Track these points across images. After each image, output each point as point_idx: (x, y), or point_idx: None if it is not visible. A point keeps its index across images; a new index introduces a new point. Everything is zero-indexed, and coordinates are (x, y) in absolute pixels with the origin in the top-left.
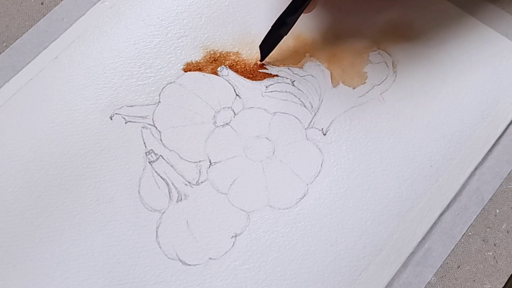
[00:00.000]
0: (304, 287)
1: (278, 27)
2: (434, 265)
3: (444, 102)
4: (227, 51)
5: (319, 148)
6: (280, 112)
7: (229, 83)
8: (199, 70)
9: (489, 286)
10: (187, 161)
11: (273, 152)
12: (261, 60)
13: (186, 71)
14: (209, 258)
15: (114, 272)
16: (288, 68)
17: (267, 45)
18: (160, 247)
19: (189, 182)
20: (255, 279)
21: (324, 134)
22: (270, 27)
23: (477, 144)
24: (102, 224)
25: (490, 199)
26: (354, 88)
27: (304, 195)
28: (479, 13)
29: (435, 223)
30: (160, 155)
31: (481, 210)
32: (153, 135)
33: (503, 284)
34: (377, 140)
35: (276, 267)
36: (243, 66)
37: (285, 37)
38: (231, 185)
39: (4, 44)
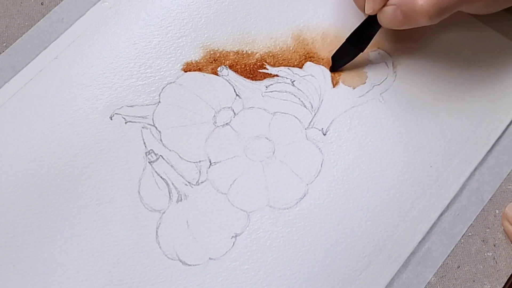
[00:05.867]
0: (304, 287)
1: (356, 41)
2: (434, 265)
3: (444, 102)
4: (227, 51)
5: (319, 148)
6: (280, 112)
7: (229, 83)
8: (199, 70)
9: (489, 287)
10: (187, 161)
11: (273, 152)
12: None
13: (186, 71)
14: (209, 258)
15: (114, 272)
16: (288, 68)
17: (340, 57)
18: (160, 247)
19: (189, 182)
20: (255, 279)
21: (324, 134)
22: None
23: (477, 144)
24: (102, 224)
25: (490, 199)
26: (354, 88)
27: (304, 195)
28: None
29: (435, 223)
30: (160, 155)
31: (481, 211)
32: (153, 135)
33: (503, 285)
34: (377, 140)
35: (276, 267)
36: (243, 66)
37: (284, 37)
38: (231, 185)
39: (4, 44)
